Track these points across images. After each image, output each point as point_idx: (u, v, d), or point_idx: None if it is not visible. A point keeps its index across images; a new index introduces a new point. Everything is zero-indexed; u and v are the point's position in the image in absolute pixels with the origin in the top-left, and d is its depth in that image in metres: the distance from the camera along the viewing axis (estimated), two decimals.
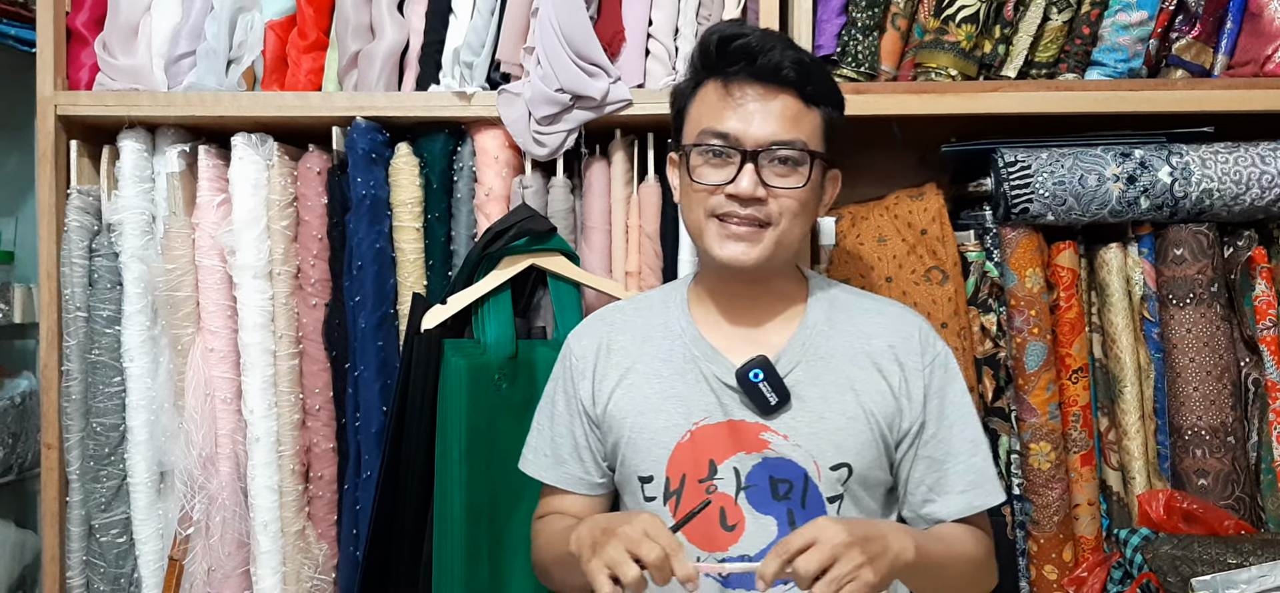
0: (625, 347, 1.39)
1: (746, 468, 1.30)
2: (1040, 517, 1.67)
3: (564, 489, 1.42)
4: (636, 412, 1.34)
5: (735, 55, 1.26)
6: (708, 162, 1.28)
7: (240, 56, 1.76)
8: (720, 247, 1.28)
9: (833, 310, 1.37)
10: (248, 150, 1.70)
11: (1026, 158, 1.67)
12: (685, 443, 1.31)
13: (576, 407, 1.40)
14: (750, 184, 1.25)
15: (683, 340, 1.36)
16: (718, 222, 1.28)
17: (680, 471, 1.31)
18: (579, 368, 1.40)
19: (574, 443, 1.41)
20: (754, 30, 1.29)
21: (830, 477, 1.29)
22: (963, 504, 1.33)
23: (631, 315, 1.43)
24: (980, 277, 1.70)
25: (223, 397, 1.73)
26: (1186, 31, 1.70)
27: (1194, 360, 1.64)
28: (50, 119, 1.74)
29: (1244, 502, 1.63)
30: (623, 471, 1.37)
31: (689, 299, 1.40)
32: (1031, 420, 1.67)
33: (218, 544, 1.73)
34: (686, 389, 1.33)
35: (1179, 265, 1.66)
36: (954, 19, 1.67)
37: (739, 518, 1.30)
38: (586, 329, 1.44)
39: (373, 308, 1.69)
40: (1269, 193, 1.64)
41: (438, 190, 1.74)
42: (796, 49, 1.29)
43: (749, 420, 1.30)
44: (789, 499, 1.29)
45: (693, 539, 1.29)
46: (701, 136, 1.28)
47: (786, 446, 1.29)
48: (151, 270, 1.73)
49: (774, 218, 1.27)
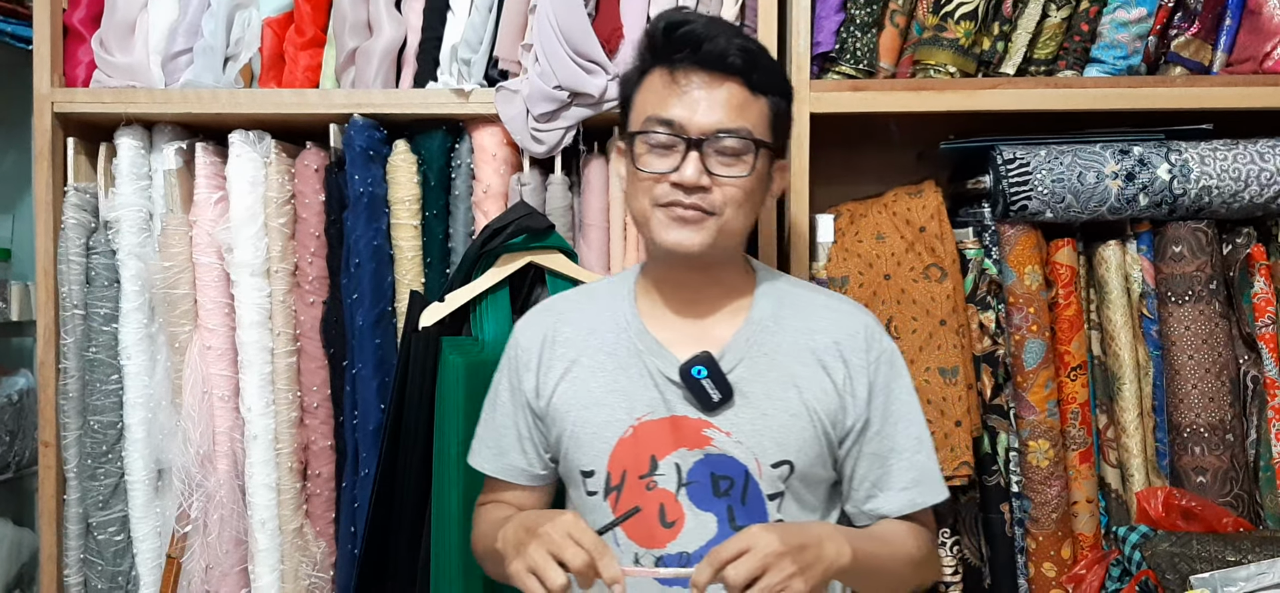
0: (571, 338, 1.37)
1: (688, 464, 1.29)
2: (1039, 514, 1.67)
3: (507, 481, 1.41)
4: (580, 406, 1.33)
5: (681, 42, 1.25)
6: (652, 150, 1.26)
7: (237, 54, 1.76)
8: (665, 232, 1.26)
9: (779, 305, 1.36)
10: (245, 148, 1.70)
11: (1025, 155, 1.66)
12: (627, 438, 1.30)
13: (520, 399, 1.39)
14: (695, 172, 1.23)
15: (628, 334, 1.34)
16: (663, 209, 1.26)
17: (621, 466, 1.30)
18: (524, 359, 1.39)
19: (517, 434, 1.40)
20: (700, 17, 1.28)
21: (771, 474, 1.29)
22: (905, 501, 1.33)
23: (580, 304, 1.42)
24: (979, 274, 1.70)
25: (220, 394, 1.73)
26: (1185, 28, 1.70)
27: (1193, 358, 1.64)
28: (47, 116, 1.74)
29: (1242, 499, 1.63)
30: (565, 464, 1.36)
31: (636, 291, 1.39)
32: (1030, 418, 1.67)
33: (215, 542, 1.73)
34: (630, 384, 1.32)
35: (1178, 262, 1.65)
36: (952, 16, 1.67)
37: (679, 514, 1.29)
38: (533, 320, 1.43)
39: (370, 305, 1.69)
40: (1268, 190, 1.64)
41: (435, 188, 1.74)
42: (743, 37, 1.28)
43: (692, 416, 1.29)
44: (729, 496, 1.29)
45: (632, 536, 1.29)
46: (646, 124, 1.26)
47: (728, 442, 1.29)
48: (149, 268, 1.72)
49: (718, 207, 1.25)
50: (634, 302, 1.37)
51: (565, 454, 1.35)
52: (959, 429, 1.61)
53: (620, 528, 1.29)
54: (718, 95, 1.24)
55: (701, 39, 1.24)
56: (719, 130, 1.24)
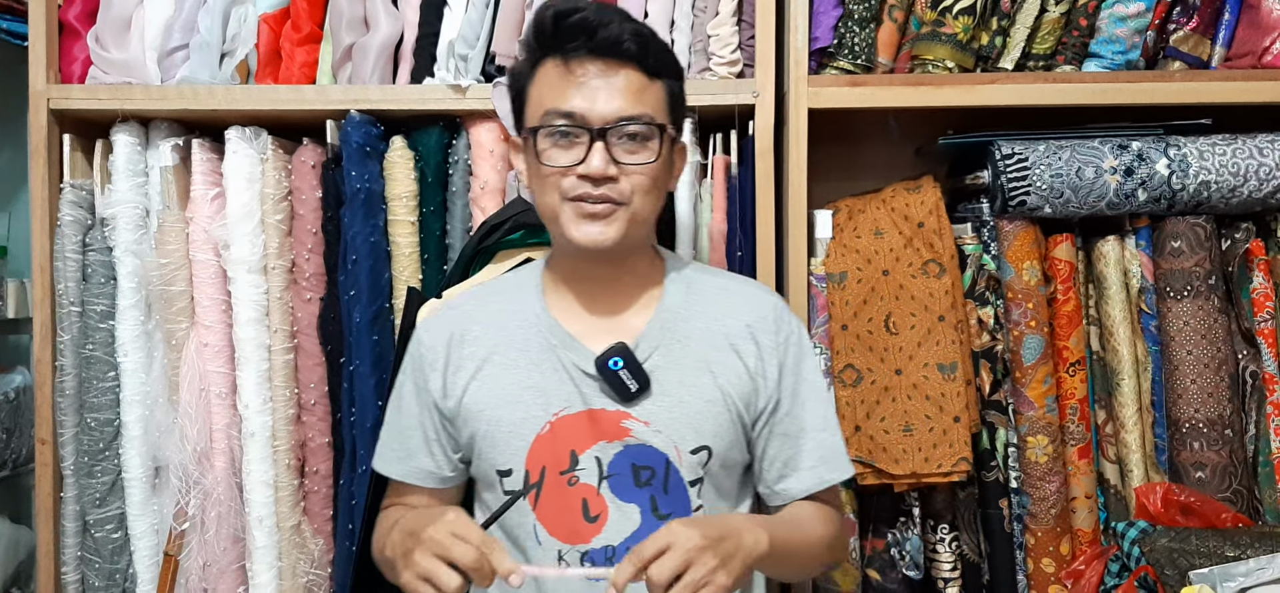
0: (479, 336, 1.35)
1: (608, 457, 1.29)
2: (1037, 510, 1.67)
3: (412, 484, 1.38)
4: (494, 404, 1.31)
5: (573, 31, 1.22)
6: (556, 143, 1.24)
7: (233, 50, 1.76)
8: (577, 229, 1.25)
9: (689, 291, 1.36)
10: (242, 144, 1.69)
11: (1024, 150, 1.66)
12: (545, 435, 1.29)
13: (427, 399, 1.36)
14: (601, 162, 1.22)
15: (539, 329, 1.33)
16: (572, 204, 1.25)
17: (540, 463, 1.29)
18: (429, 359, 1.35)
19: (424, 436, 1.36)
20: (589, 5, 1.24)
21: (691, 461, 1.29)
22: (814, 479, 1.35)
23: (484, 302, 1.39)
24: (977, 269, 1.70)
25: (217, 391, 1.72)
26: (1184, 23, 1.69)
27: (1191, 353, 1.64)
28: (43, 113, 1.73)
29: (1241, 494, 1.63)
30: (480, 464, 1.34)
31: (544, 285, 1.37)
32: (1029, 414, 1.67)
33: (213, 539, 1.72)
34: (544, 380, 1.30)
35: (1176, 258, 1.65)
36: (951, 11, 1.67)
37: (602, 508, 1.29)
38: (435, 319, 1.40)
39: (368, 302, 1.68)
40: (1267, 185, 1.64)
41: (432, 184, 1.73)
42: (634, 21, 1.25)
43: (610, 409, 1.29)
44: (651, 486, 1.29)
45: (554, 533, 1.29)
46: (546, 118, 1.24)
47: (648, 432, 1.29)
48: (145, 265, 1.72)
49: (627, 196, 1.24)
50: (542, 296, 1.35)
51: (479, 454, 1.33)
52: (957, 425, 1.61)
53: (542, 526, 1.29)
54: (616, 82, 1.23)
55: (594, 26, 1.22)
56: (622, 118, 1.22)
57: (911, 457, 1.61)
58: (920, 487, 1.66)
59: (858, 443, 1.63)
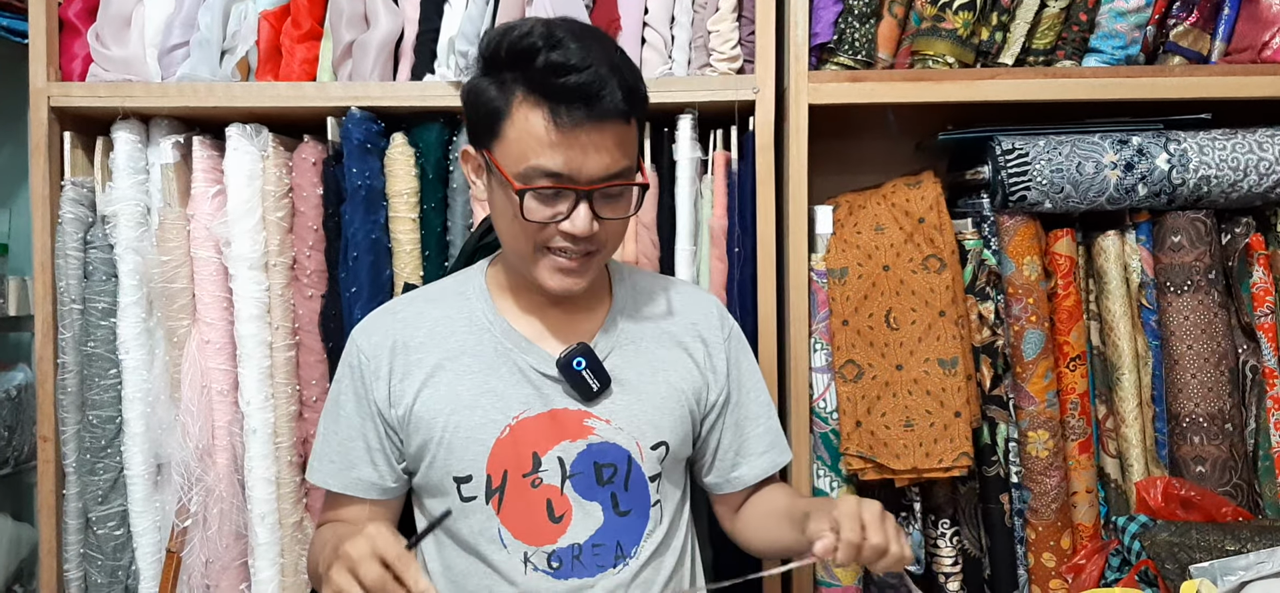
0: (423, 343, 1.32)
1: (571, 456, 1.30)
2: (1038, 505, 1.67)
3: (352, 496, 1.34)
4: (448, 411, 1.29)
5: (569, 95, 1.16)
6: (538, 200, 1.21)
7: (234, 47, 1.76)
8: (550, 278, 1.26)
9: (635, 294, 1.40)
10: (242, 141, 1.69)
11: (1024, 145, 1.66)
12: (505, 438, 1.29)
13: (369, 409, 1.32)
14: (585, 223, 1.20)
15: (492, 333, 1.32)
16: (548, 255, 1.25)
17: (501, 466, 1.29)
18: (371, 368, 1.32)
19: (366, 446, 1.33)
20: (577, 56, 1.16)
21: (651, 456, 1.33)
22: (767, 464, 1.43)
23: (425, 308, 1.36)
24: (978, 265, 1.70)
25: (219, 388, 1.72)
26: (1184, 18, 1.69)
27: (1192, 348, 1.64)
28: (43, 110, 1.73)
29: (1241, 488, 1.64)
30: (432, 472, 1.31)
31: (489, 290, 1.36)
32: (1029, 408, 1.67)
33: (215, 536, 1.72)
34: (501, 384, 1.30)
35: (1176, 252, 1.65)
36: (951, 6, 1.67)
37: (566, 508, 1.30)
38: (375, 326, 1.36)
39: (369, 298, 1.68)
40: (1266, 179, 1.64)
41: (433, 180, 1.73)
42: (621, 72, 1.19)
43: (572, 408, 1.30)
44: (613, 483, 1.31)
45: (519, 534, 1.29)
46: (531, 174, 1.19)
47: (609, 430, 1.31)
48: (146, 262, 1.72)
49: (602, 245, 1.26)
50: (489, 300, 1.35)
51: (432, 462, 1.30)
52: (958, 420, 1.61)
53: (506, 529, 1.29)
54: (605, 140, 1.19)
55: (592, 95, 1.16)
56: (608, 176, 1.20)
57: (912, 452, 1.62)
58: (921, 482, 1.67)
59: (858, 438, 1.64)
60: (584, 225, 1.21)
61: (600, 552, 1.31)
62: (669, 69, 1.71)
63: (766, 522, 1.41)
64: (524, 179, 1.20)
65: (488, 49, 1.23)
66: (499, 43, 1.21)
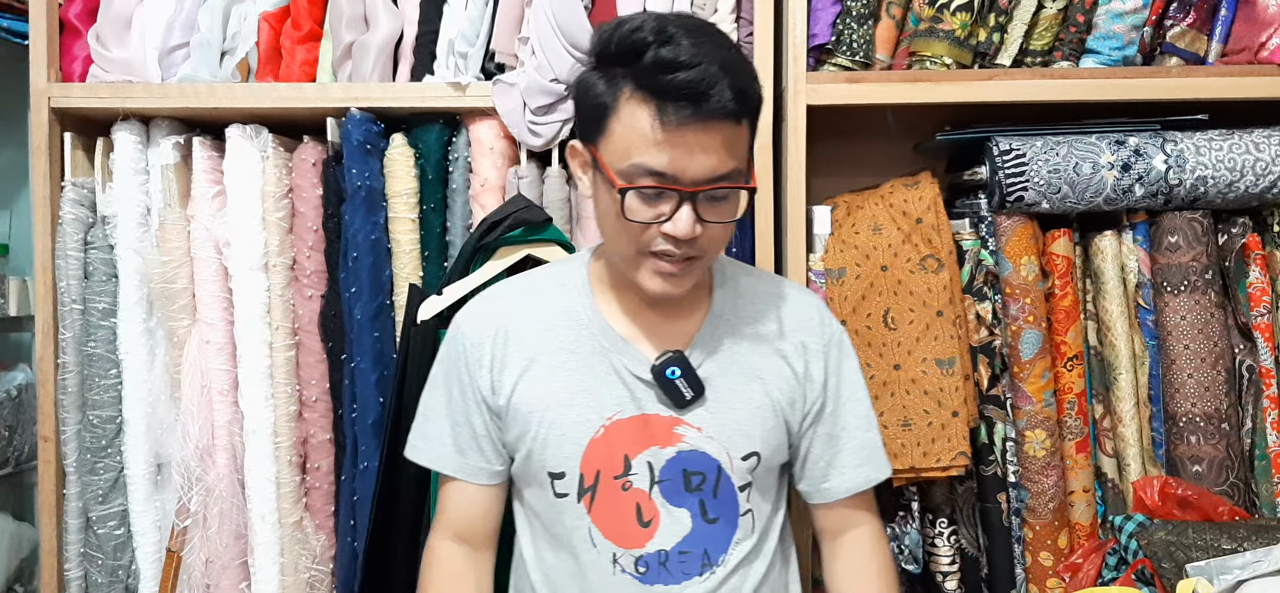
0: (524, 334, 1.32)
1: (660, 462, 1.29)
2: (1036, 504, 1.68)
3: (465, 480, 1.36)
4: (544, 406, 1.29)
5: (677, 93, 1.12)
6: (641, 200, 1.18)
7: (234, 48, 1.76)
8: (650, 282, 1.23)
9: (737, 298, 1.36)
10: (242, 142, 1.70)
11: (1021, 146, 1.67)
12: (599, 438, 1.28)
13: (474, 396, 1.33)
14: (688, 226, 1.17)
15: (590, 331, 1.31)
16: (649, 258, 1.22)
17: (594, 467, 1.28)
18: (474, 355, 1.33)
19: (473, 433, 1.34)
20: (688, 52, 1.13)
21: (742, 466, 1.30)
22: (860, 478, 1.37)
23: (527, 298, 1.36)
24: (975, 265, 1.70)
25: (219, 388, 1.73)
26: (1181, 19, 1.70)
27: (1188, 347, 1.65)
28: (44, 111, 1.73)
29: (1238, 488, 1.64)
30: (528, 465, 1.32)
31: (591, 284, 1.34)
32: (1027, 408, 1.68)
33: (216, 536, 1.73)
34: (597, 383, 1.29)
35: (1173, 252, 1.66)
36: (948, 7, 1.67)
37: (654, 513, 1.29)
38: (479, 313, 1.36)
39: (369, 299, 1.69)
40: (1263, 180, 1.64)
41: (433, 181, 1.74)
42: (732, 71, 1.14)
43: (663, 414, 1.29)
44: (701, 491, 1.29)
45: (609, 535, 1.29)
46: (634, 172, 1.16)
47: (700, 438, 1.29)
48: (147, 262, 1.72)
49: (704, 250, 1.22)
50: (590, 295, 1.34)
51: (528, 455, 1.31)
52: (956, 420, 1.62)
53: (597, 529, 1.29)
54: (712, 141, 1.15)
55: (701, 92, 1.12)
56: (713, 178, 1.16)
57: (910, 451, 1.62)
58: (919, 481, 1.67)
59: None
60: (686, 228, 1.17)
61: (687, 559, 1.29)
62: None
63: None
64: (627, 177, 1.17)
65: (599, 43, 1.20)
66: (610, 36, 1.18)
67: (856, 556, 1.39)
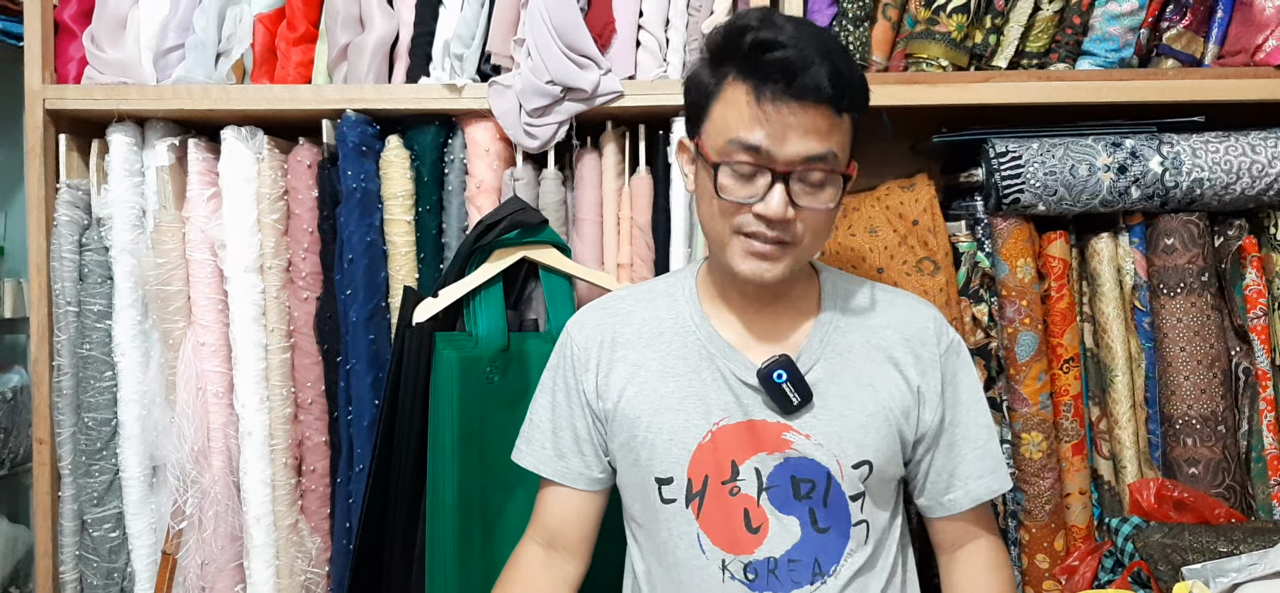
0: (631, 340, 1.34)
1: (768, 468, 1.28)
2: (1032, 506, 1.68)
3: (564, 484, 1.38)
4: (652, 411, 1.30)
5: (772, 70, 1.16)
6: (735, 177, 1.20)
7: (229, 49, 1.76)
8: (742, 262, 1.23)
9: (847, 304, 1.35)
10: (238, 144, 1.70)
11: (1017, 148, 1.67)
12: (706, 444, 1.28)
13: (579, 400, 1.36)
14: (780, 205, 1.18)
15: (697, 337, 1.32)
16: (742, 238, 1.22)
17: (702, 472, 1.28)
18: (582, 360, 1.36)
19: (576, 436, 1.36)
20: (788, 34, 1.17)
21: (852, 475, 1.28)
22: (982, 490, 1.34)
23: (635, 306, 1.38)
24: (971, 267, 1.70)
25: (214, 391, 1.73)
26: (1177, 21, 1.70)
27: (1185, 350, 1.65)
28: (38, 113, 1.73)
29: (1235, 490, 1.64)
30: (634, 471, 1.32)
31: (698, 292, 1.36)
32: (1023, 410, 1.68)
33: (211, 538, 1.73)
34: (704, 388, 1.29)
35: (1170, 255, 1.66)
36: (945, 9, 1.67)
37: (763, 519, 1.28)
38: (588, 319, 1.39)
39: (364, 301, 1.69)
40: (1259, 182, 1.64)
41: (429, 183, 1.74)
42: (832, 58, 1.17)
43: (770, 420, 1.28)
44: (811, 499, 1.28)
45: (717, 541, 1.28)
46: (729, 148, 1.19)
47: (809, 445, 1.27)
48: (142, 264, 1.72)
49: (799, 237, 1.21)
50: (697, 303, 1.34)
51: (636, 461, 1.31)
52: None
53: (705, 535, 1.28)
54: (806, 122, 1.16)
55: (795, 70, 1.15)
56: (807, 159, 1.17)
57: None
58: None
59: None
60: (778, 208, 1.18)
61: (796, 568, 1.28)
62: (664, 72, 1.72)
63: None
64: (722, 154, 1.20)
65: (711, 38, 1.24)
66: (719, 30, 1.23)
67: (978, 569, 1.37)
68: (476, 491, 1.60)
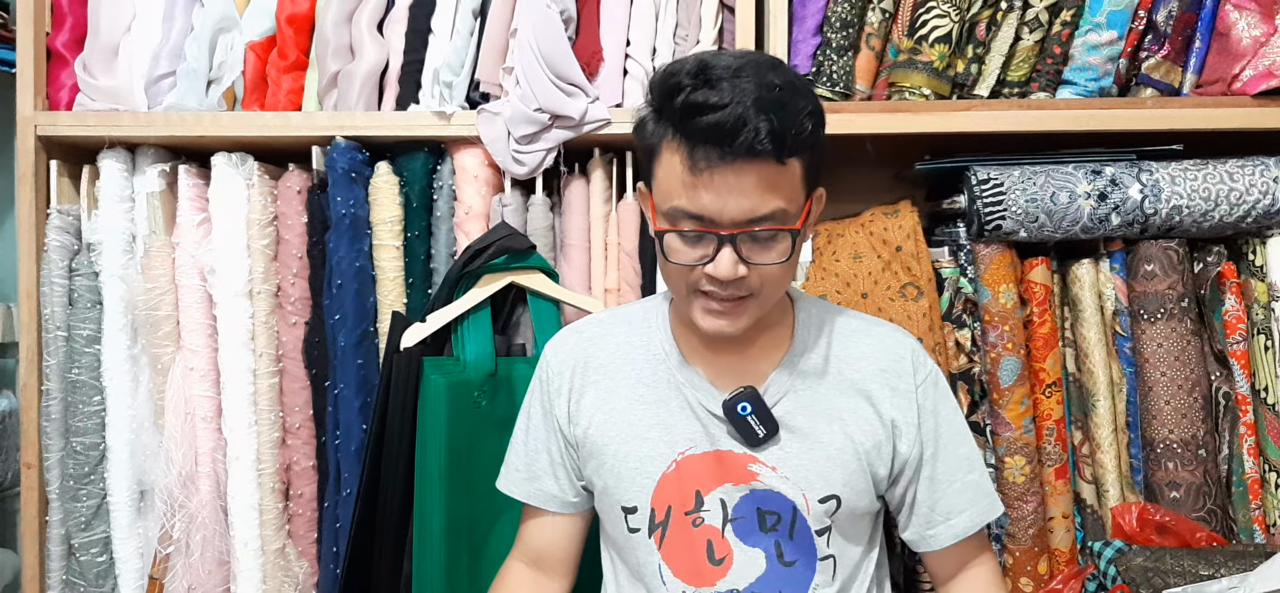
0: (604, 365, 1.34)
1: (733, 500, 1.27)
2: (1015, 530, 1.69)
3: (540, 508, 1.40)
4: (619, 438, 1.29)
5: (704, 134, 1.10)
6: (682, 241, 1.17)
7: (220, 77, 1.77)
8: (703, 320, 1.21)
9: (821, 334, 1.32)
10: (228, 170, 1.71)
11: (999, 175, 1.68)
12: (671, 473, 1.27)
13: (552, 423, 1.36)
14: (729, 267, 1.15)
15: (666, 365, 1.31)
16: (700, 297, 1.20)
17: (666, 502, 1.28)
18: (556, 384, 1.36)
19: (550, 459, 1.37)
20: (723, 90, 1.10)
21: (819, 509, 1.27)
22: (964, 525, 1.32)
23: (610, 330, 1.38)
24: (954, 293, 1.72)
25: (203, 415, 1.73)
26: (1156, 51, 1.72)
27: (1165, 375, 1.66)
28: (30, 139, 1.74)
29: (1216, 514, 1.65)
30: (604, 498, 1.33)
31: (671, 319, 1.34)
32: (1006, 435, 1.69)
33: (198, 563, 1.72)
34: (671, 417, 1.29)
35: (1150, 280, 1.68)
36: (927, 39, 1.69)
37: (727, 551, 1.27)
38: (563, 343, 1.39)
39: (352, 326, 1.70)
40: (1237, 209, 1.66)
41: (417, 209, 1.75)
42: (770, 111, 1.10)
43: (737, 451, 1.27)
44: (776, 531, 1.27)
45: (679, 573, 1.28)
46: (673, 215, 1.16)
47: (775, 478, 1.26)
48: (132, 289, 1.73)
49: (756, 289, 1.19)
50: (669, 330, 1.33)
51: (604, 489, 1.31)
52: None
53: (666, 566, 1.28)
54: (747, 183, 1.12)
55: (729, 133, 1.09)
56: (751, 219, 1.13)
57: None
58: None
59: None
60: (727, 270, 1.15)
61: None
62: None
63: None
64: (669, 219, 1.17)
65: (651, 83, 1.19)
66: (657, 77, 1.17)
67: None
68: (464, 515, 1.60)
